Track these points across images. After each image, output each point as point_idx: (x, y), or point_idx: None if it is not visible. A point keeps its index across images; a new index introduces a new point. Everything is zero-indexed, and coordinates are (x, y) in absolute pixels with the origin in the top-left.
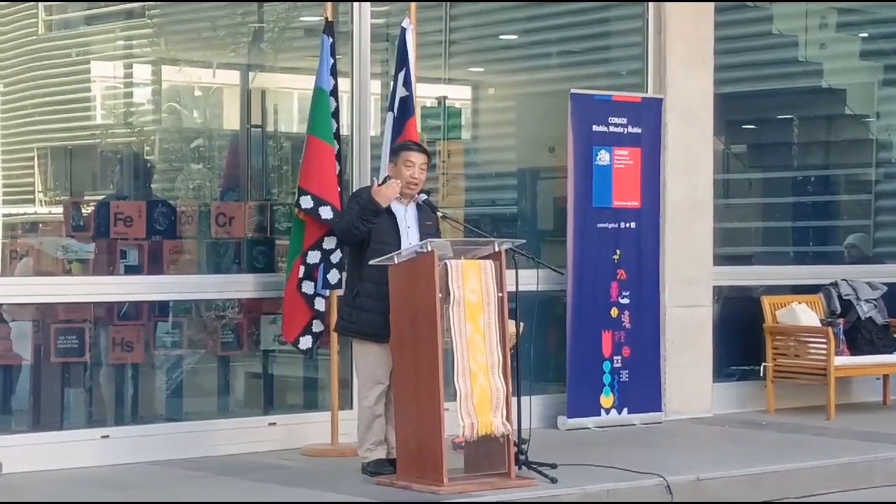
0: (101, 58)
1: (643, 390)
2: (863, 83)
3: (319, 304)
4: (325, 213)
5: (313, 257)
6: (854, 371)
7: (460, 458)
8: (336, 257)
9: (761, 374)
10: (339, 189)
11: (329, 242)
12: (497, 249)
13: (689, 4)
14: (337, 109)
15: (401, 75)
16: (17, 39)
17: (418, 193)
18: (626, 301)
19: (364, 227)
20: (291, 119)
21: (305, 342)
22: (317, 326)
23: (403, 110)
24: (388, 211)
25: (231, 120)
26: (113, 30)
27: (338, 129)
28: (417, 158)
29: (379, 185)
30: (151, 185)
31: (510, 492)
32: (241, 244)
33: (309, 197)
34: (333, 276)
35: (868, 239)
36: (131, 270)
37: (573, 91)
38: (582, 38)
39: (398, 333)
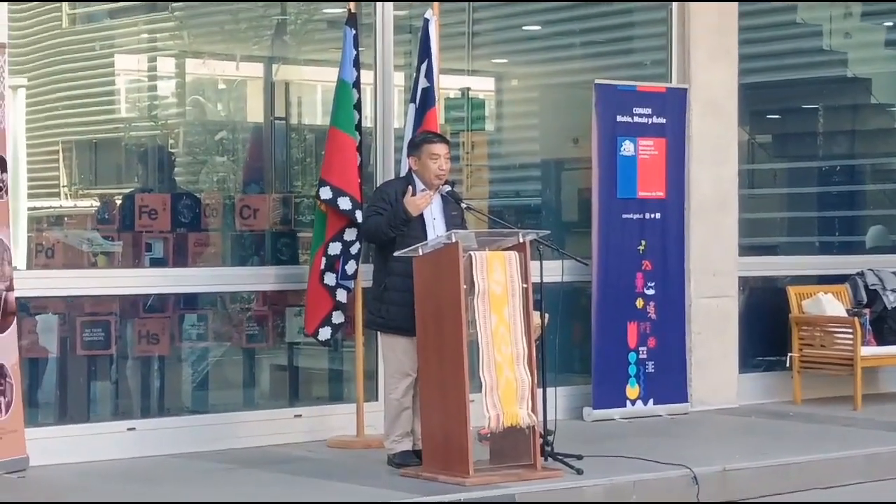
0: (124, 51)
1: (669, 381)
2: (888, 72)
3: (341, 296)
4: (344, 203)
5: (334, 248)
6: (881, 361)
7: (486, 450)
8: (355, 249)
9: (787, 365)
10: (359, 180)
11: (350, 234)
12: (522, 240)
13: None
14: (359, 101)
15: (423, 66)
16: (41, 33)
17: (442, 185)
18: (651, 292)
19: (393, 234)
20: (315, 111)
21: (325, 333)
22: (337, 318)
23: (424, 101)
24: None
25: (255, 112)
26: (136, 23)
27: (360, 120)
28: (441, 149)
29: (412, 196)
30: (176, 178)
31: (536, 483)
32: (266, 236)
33: (328, 188)
34: (350, 266)
35: (886, 231)
36: (156, 263)
37: (597, 81)
38: (605, 28)
39: (423, 325)
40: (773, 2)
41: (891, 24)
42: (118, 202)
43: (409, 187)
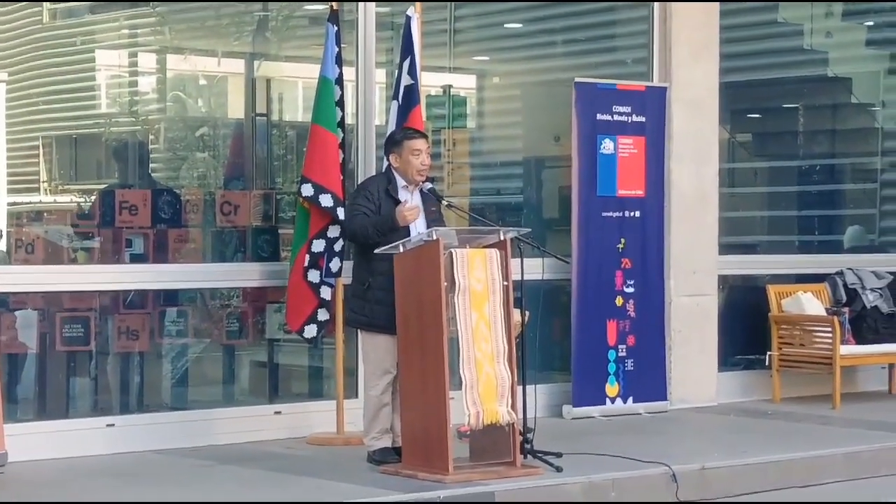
0: (105, 46)
1: (648, 379)
2: (868, 72)
3: (325, 293)
4: (326, 200)
5: (318, 245)
6: (859, 360)
7: (465, 447)
8: (339, 246)
9: (766, 363)
10: (341, 177)
11: (333, 231)
12: (502, 238)
13: None
14: (342, 98)
15: (405, 64)
16: (21, 28)
17: (423, 182)
18: (630, 290)
19: (379, 238)
20: (296, 108)
21: (310, 331)
22: (322, 315)
23: (408, 99)
24: (396, 199)
25: (236, 109)
26: (117, 18)
27: (342, 117)
28: (422, 145)
29: (402, 209)
30: (156, 174)
31: (515, 480)
32: (246, 233)
33: (310, 185)
34: (335, 264)
35: (863, 231)
36: (136, 259)
37: (577, 80)
38: (587, 26)
39: (404, 322)
40: (755, 1)
41: (871, 23)
42: (98, 198)
43: (405, 201)
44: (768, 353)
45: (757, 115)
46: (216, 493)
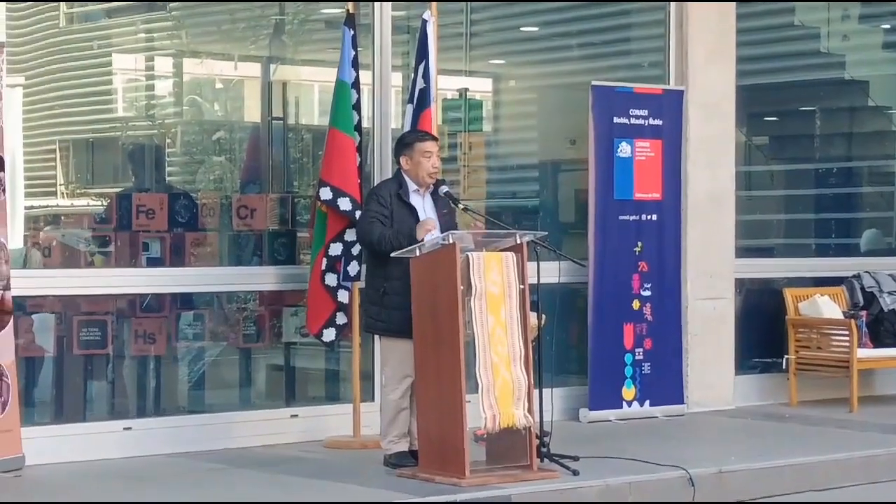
0: (122, 50)
1: (665, 383)
2: (885, 75)
3: (342, 297)
4: (344, 204)
5: (335, 249)
6: (877, 363)
7: (482, 451)
8: (356, 249)
9: (784, 367)
10: (359, 181)
11: (350, 234)
12: (519, 241)
13: None
14: (358, 101)
15: (421, 67)
16: (38, 32)
17: (439, 187)
18: (647, 293)
19: (396, 248)
20: (312, 111)
21: (329, 334)
22: (340, 319)
23: (421, 102)
24: (407, 203)
25: (252, 112)
26: (134, 22)
27: (359, 121)
28: (433, 147)
29: (424, 225)
30: (173, 178)
31: (532, 484)
32: (263, 236)
33: (328, 188)
34: (353, 268)
35: (880, 235)
36: (153, 263)
37: (594, 83)
38: (603, 29)
39: (420, 326)
40: (772, 2)
41: (888, 26)
42: (115, 201)
43: (428, 219)
44: (785, 356)
45: (774, 119)
46: (232, 497)
